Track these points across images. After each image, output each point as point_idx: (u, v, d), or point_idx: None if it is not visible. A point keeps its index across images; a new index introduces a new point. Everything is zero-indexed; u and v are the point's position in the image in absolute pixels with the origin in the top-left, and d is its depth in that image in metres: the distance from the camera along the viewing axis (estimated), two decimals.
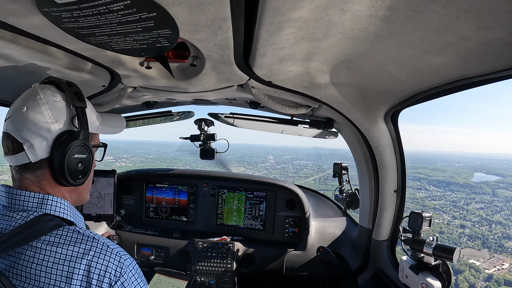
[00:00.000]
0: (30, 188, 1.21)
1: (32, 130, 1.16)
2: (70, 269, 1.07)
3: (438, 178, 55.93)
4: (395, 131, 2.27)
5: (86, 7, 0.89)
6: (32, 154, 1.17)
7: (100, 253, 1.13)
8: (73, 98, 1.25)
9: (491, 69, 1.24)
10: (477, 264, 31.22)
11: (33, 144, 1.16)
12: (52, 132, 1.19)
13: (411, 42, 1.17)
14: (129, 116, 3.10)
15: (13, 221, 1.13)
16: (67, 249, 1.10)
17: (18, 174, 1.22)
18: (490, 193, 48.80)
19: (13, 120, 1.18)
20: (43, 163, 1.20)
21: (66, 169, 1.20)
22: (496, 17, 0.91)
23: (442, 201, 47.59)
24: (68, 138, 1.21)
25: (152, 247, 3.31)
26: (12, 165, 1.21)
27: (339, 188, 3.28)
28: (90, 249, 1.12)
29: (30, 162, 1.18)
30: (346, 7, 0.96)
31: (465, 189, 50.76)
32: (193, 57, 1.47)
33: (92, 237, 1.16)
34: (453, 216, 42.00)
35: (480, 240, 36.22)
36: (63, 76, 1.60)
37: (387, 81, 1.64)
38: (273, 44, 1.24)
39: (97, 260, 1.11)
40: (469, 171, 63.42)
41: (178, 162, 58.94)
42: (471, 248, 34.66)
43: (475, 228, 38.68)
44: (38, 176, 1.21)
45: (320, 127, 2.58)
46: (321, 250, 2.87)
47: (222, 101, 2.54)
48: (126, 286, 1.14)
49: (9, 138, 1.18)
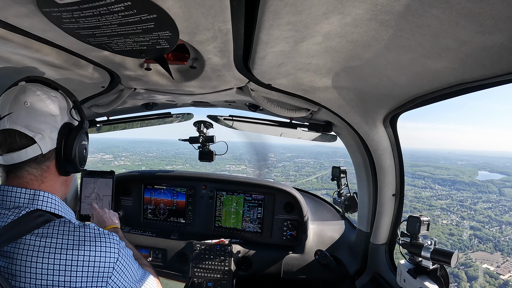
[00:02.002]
0: (31, 184, 1.23)
1: (42, 122, 1.21)
2: (68, 257, 1.10)
3: (443, 176, 55.29)
4: (394, 135, 2.27)
5: (86, 7, 0.89)
6: (44, 146, 1.21)
7: (95, 238, 1.17)
8: (69, 93, 1.35)
9: (490, 74, 1.24)
10: (491, 269, 29.66)
11: (44, 136, 1.21)
12: (58, 123, 1.26)
13: (411, 46, 1.17)
14: (128, 118, 3.10)
15: (6, 217, 1.14)
16: (61, 239, 1.12)
17: (19, 171, 1.22)
18: (497, 192, 48.02)
19: (16, 115, 1.18)
20: (50, 154, 1.25)
21: (77, 156, 1.30)
22: (495, 21, 0.91)
23: (448, 200, 46.76)
24: (76, 127, 1.31)
25: (150, 249, 3.30)
26: (15, 162, 1.20)
27: (337, 192, 3.28)
28: (84, 237, 1.15)
29: (39, 155, 1.22)
30: (346, 11, 0.97)
31: (471, 188, 49.86)
32: (192, 59, 1.47)
33: (82, 225, 1.20)
34: (461, 217, 40.92)
35: (492, 242, 34.90)
36: (63, 76, 1.61)
37: (386, 85, 1.64)
38: (272, 47, 1.24)
39: (94, 246, 1.15)
40: (473, 169, 62.79)
41: (177, 160, 58.67)
42: (483, 252, 33.36)
43: (485, 229, 37.39)
44: (42, 168, 1.25)
45: (319, 131, 2.59)
46: (319, 253, 2.87)
47: (222, 103, 2.54)
48: (124, 265, 1.22)
49: (14, 134, 1.18)
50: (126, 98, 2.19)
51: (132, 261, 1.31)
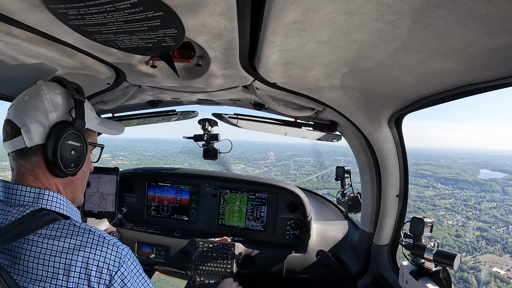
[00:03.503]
0: (26, 177, 1.24)
1: (31, 115, 1.21)
2: (67, 261, 1.09)
3: (445, 175, 54.90)
4: (398, 136, 2.26)
5: (92, 4, 0.89)
6: (28, 139, 1.20)
7: (97, 245, 1.15)
8: (73, 91, 1.31)
9: (496, 75, 1.23)
10: (502, 273, 28.46)
11: (30, 129, 1.20)
12: (50, 120, 1.24)
13: (417, 46, 1.16)
14: (133, 114, 3.11)
15: (10, 215, 1.14)
16: (63, 242, 1.12)
17: (15, 161, 1.25)
18: (500, 191, 47.59)
19: (15, 107, 1.25)
20: (37, 149, 1.23)
21: (59, 155, 1.23)
22: (502, 23, 0.91)
23: (452, 199, 46.33)
24: (63, 125, 1.26)
25: (152, 246, 3.32)
26: (10, 151, 1.25)
27: (341, 192, 3.27)
28: (87, 241, 1.14)
29: (25, 148, 1.21)
30: (352, 10, 0.96)
31: (474, 187, 49.42)
32: (198, 57, 1.47)
33: (88, 229, 1.18)
34: (467, 217, 40.35)
35: (500, 244, 34.14)
36: (68, 72, 1.62)
37: (391, 85, 1.63)
38: (278, 46, 1.24)
39: (95, 252, 1.13)
40: (474, 167, 62.33)
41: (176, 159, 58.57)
42: (492, 254, 32.61)
43: (492, 230, 36.65)
44: (32, 163, 1.24)
45: (323, 130, 2.58)
46: (321, 254, 2.87)
47: (227, 101, 2.54)
48: (126, 275, 1.17)
49: (9, 124, 1.24)
50: (131, 95, 2.20)
51: (139, 275, 1.24)
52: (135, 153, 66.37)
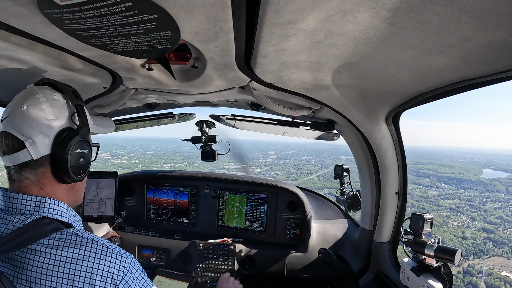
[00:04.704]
0: (30, 189, 1.21)
1: (34, 127, 1.17)
2: (71, 271, 1.08)
3: (448, 174, 54.50)
4: (396, 133, 2.27)
5: (87, 8, 0.89)
6: (34, 151, 1.17)
7: (101, 254, 1.13)
8: (72, 96, 1.28)
9: (492, 70, 1.24)
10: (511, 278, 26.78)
11: (35, 141, 1.17)
12: (54, 129, 1.21)
13: (413, 43, 1.16)
14: (130, 118, 3.11)
15: (11, 225, 1.13)
16: (67, 252, 1.10)
17: (18, 174, 1.21)
18: (505, 191, 47.10)
19: (12, 118, 1.19)
20: (44, 160, 1.21)
21: (69, 164, 1.22)
22: (498, 18, 0.91)
23: (456, 199, 45.75)
24: (70, 134, 1.23)
25: (153, 249, 3.31)
26: (11, 165, 1.21)
27: (340, 190, 3.27)
28: (91, 251, 1.12)
29: (31, 160, 1.18)
30: (348, 8, 0.96)
31: (477, 187, 48.85)
32: (194, 58, 1.47)
33: (91, 239, 1.16)
34: (472, 218, 39.62)
35: (507, 246, 33.16)
36: (65, 77, 1.61)
37: (388, 82, 1.63)
38: (274, 46, 1.24)
39: (99, 262, 1.11)
40: (477, 167, 61.98)
41: (176, 158, 58.35)
42: (500, 257, 31.61)
43: (499, 231, 35.68)
44: (38, 174, 1.21)
45: (321, 129, 2.58)
46: (323, 251, 2.87)
47: (224, 102, 2.54)
48: (131, 283, 1.15)
49: (8, 137, 1.18)
50: (128, 99, 2.20)
51: (144, 282, 1.24)
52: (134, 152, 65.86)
